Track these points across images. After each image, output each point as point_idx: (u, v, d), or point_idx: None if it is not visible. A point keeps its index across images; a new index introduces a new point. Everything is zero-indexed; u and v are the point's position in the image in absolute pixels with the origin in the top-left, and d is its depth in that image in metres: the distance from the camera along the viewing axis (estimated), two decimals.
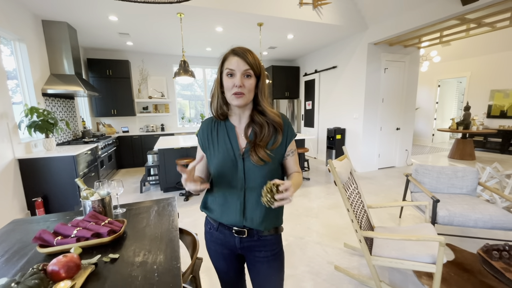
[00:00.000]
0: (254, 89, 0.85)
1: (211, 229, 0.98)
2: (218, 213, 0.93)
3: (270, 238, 0.93)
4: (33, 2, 3.00)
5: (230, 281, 1.05)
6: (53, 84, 3.46)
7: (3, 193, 2.49)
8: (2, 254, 0.96)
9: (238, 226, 0.91)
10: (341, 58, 4.99)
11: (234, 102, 0.83)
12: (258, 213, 0.88)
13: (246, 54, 0.81)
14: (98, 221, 1.08)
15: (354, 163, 4.86)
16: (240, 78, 0.81)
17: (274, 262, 0.95)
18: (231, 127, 0.91)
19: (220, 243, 0.96)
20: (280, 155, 0.91)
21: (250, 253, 0.95)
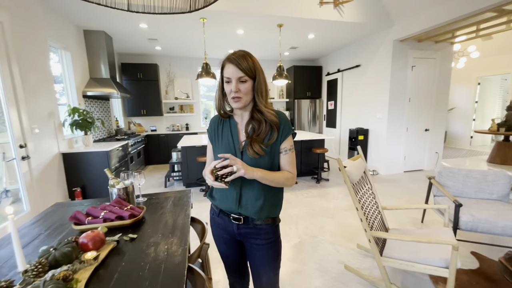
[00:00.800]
0: (251, 91, 0.92)
1: (214, 215, 1.08)
2: (218, 200, 1.03)
3: (265, 227, 0.99)
4: (76, 15, 3.39)
5: (231, 264, 1.13)
6: (92, 87, 3.85)
7: (50, 182, 2.85)
8: (46, 229, 1.15)
9: (234, 213, 0.99)
10: (364, 57, 4.84)
11: (234, 106, 0.94)
12: (253, 202, 0.96)
13: (240, 61, 0.87)
14: (122, 206, 1.23)
15: (377, 165, 4.68)
16: (236, 84, 0.88)
17: (269, 250, 1.02)
18: (234, 123, 1.01)
19: (221, 228, 1.06)
20: (275, 150, 0.96)
21: (247, 240, 1.02)
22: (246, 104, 0.93)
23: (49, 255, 0.80)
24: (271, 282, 1.06)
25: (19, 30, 2.45)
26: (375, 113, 4.66)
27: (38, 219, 1.28)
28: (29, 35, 2.61)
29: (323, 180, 4.18)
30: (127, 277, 0.80)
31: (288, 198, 3.40)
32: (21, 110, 2.43)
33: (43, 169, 2.74)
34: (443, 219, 1.79)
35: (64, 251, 0.82)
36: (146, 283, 0.77)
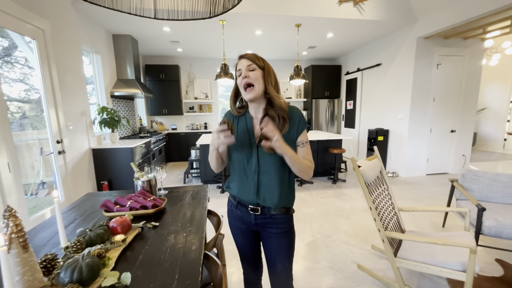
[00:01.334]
0: (262, 80, 0.96)
1: (231, 207, 1.13)
2: (237, 192, 1.08)
3: (280, 216, 1.04)
4: (107, 21, 3.64)
5: (247, 255, 1.18)
6: (119, 88, 4.11)
7: (81, 174, 3.11)
8: (81, 215, 1.29)
9: (253, 204, 1.04)
10: (385, 55, 4.70)
11: (247, 96, 0.98)
12: (270, 193, 1.01)
13: (250, 55, 0.97)
14: (146, 197, 1.34)
15: (397, 167, 4.52)
16: (245, 71, 0.96)
17: (284, 239, 1.06)
18: (250, 118, 1.05)
19: (239, 219, 1.11)
20: (290, 143, 0.97)
21: (263, 229, 1.07)
22: (258, 93, 0.97)
23: (85, 235, 0.91)
24: (285, 270, 1.10)
25: (57, 36, 2.70)
26: (396, 113, 4.51)
27: (73, 206, 1.43)
28: (66, 41, 2.86)
29: (339, 181, 4.13)
30: (150, 259, 0.89)
31: (303, 197, 3.41)
32: (59, 109, 2.67)
33: (76, 163, 2.99)
34: (464, 222, 1.73)
35: (98, 232, 0.93)
36: (167, 264, 0.85)
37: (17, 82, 2.63)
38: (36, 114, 2.72)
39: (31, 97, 2.70)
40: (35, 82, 2.57)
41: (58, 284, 0.71)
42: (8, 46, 2.45)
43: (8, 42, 2.41)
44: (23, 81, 2.68)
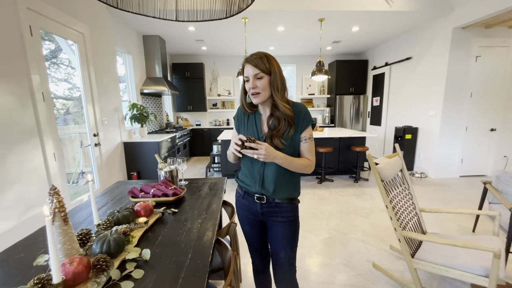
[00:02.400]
0: (269, 86, 1.00)
1: (239, 197, 1.20)
2: (245, 182, 1.15)
3: (285, 205, 1.09)
4: (137, 23, 3.90)
5: (254, 244, 1.24)
6: (148, 85, 4.39)
7: (114, 165, 3.40)
8: (111, 200, 1.45)
9: (258, 194, 1.10)
10: (416, 48, 4.41)
11: (254, 101, 1.04)
12: (273, 184, 1.07)
13: (256, 61, 0.97)
14: (167, 186, 1.46)
15: (426, 167, 4.26)
16: (253, 81, 0.99)
17: (288, 227, 1.11)
18: (258, 114, 1.12)
19: (246, 209, 1.17)
20: (294, 142, 1.05)
21: (269, 218, 1.12)
22: (265, 98, 1.02)
23: (114, 215, 1.04)
24: (288, 257, 1.13)
25: (95, 39, 2.97)
26: (426, 110, 4.23)
27: (105, 192, 1.60)
28: (102, 43, 3.13)
29: (361, 180, 4.01)
30: (168, 239, 0.99)
31: (322, 195, 3.38)
32: (95, 105, 2.95)
33: (110, 154, 3.28)
34: (494, 226, 1.61)
35: (124, 214, 1.05)
36: (182, 245, 0.94)
37: (62, 82, 2.95)
38: (77, 110, 3.02)
39: (73, 95, 3.01)
40: (77, 81, 2.86)
41: (91, 254, 0.83)
42: (55, 49, 2.76)
43: (54, 46, 2.71)
44: (67, 81, 3.00)
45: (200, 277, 0.76)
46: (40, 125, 2.08)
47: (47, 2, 2.21)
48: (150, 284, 0.73)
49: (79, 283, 0.70)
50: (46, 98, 2.17)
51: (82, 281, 0.71)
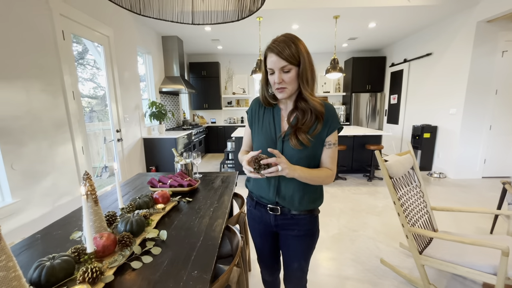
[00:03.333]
0: (297, 79, 0.85)
1: (250, 207, 1.08)
2: (255, 188, 1.01)
3: (303, 217, 0.96)
4: (157, 24, 4.09)
5: (265, 257, 1.14)
6: (166, 84, 4.59)
7: (134, 160, 3.62)
8: (133, 189, 1.58)
9: (272, 203, 0.96)
10: (437, 44, 4.24)
11: (279, 96, 0.89)
12: (291, 193, 0.92)
13: (281, 49, 0.81)
14: (183, 178, 1.57)
15: (445, 167, 4.11)
16: (279, 75, 0.83)
17: (305, 241, 0.99)
18: (277, 109, 0.96)
19: (258, 220, 1.05)
20: (320, 142, 0.90)
21: (283, 231, 1.00)
22: (291, 94, 0.88)
23: (135, 201, 1.16)
24: (301, 268, 1.05)
25: (119, 41, 3.17)
26: (447, 108, 4.07)
27: (127, 182, 1.75)
28: (125, 44, 3.34)
29: (376, 179, 3.95)
30: (182, 224, 1.09)
31: (334, 192, 3.38)
32: (118, 103, 3.16)
33: (131, 149, 3.49)
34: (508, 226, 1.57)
35: (145, 200, 1.17)
36: (195, 229, 1.04)
37: (87, 81, 3.18)
38: (101, 108, 3.25)
39: (97, 93, 3.23)
40: (101, 81, 3.08)
41: (116, 233, 0.95)
42: (82, 51, 2.99)
43: (81, 48, 2.93)
44: (92, 80, 3.23)
45: (210, 255, 0.85)
46: (70, 121, 2.29)
47: (77, 8, 2.41)
48: (166, 260, 0.83)
49: (108, 255, 0.82)
50: (76, 97, 2.38)
51: (110, 253, 0.82)
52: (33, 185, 1.92)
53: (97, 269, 0.69)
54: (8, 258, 0.54)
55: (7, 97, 1.74)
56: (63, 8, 2.20)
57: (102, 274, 0.71)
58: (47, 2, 2.05)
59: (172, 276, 0.75)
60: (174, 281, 0.73)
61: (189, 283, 0.72)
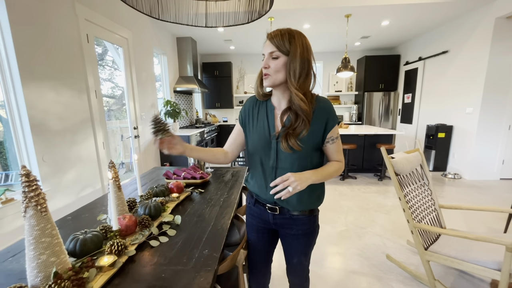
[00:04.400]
0: (284, 69, 0.83)
1: (250, 203, 1.07)
2: (254, 188, 1.01)
3: (302, 217, 0.95)
4: (173, 27, 4.25)
5: (257, 253, 1.11)
6: (180, 84, 4.76)
7: (149, 156, 3.79)
8: (150, 180, 1.71)
9: (270, 203, 0.96)
10: (454, 41, 4.14)
11: (264, 84, 0.88)
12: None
13: (274, 36, 0.82)
14: (196, 171, 1.67)
15: (460, 168, 4.00)
16: (266, 59, 0.84)
17: (305, 239, 0.99)
18: (271, 108, 0.93)
19: (257, 216, 1.04)
20: (314, 143, 0.88)
21: (282, 229, 1.01)
22: (274, 83, 0.86)
23: (153, 190, 1.27)
24: (301, 262, 1.06)
25: (136, 43, 3.34)
26: (463, 107, 3.97)
27: (144, 175, 1.87)
28: (142, 46, 3.51)
29: (386, 178, 3.91)
30: (195, 211, 1.19)
31: (343, 191, 3.40)
32: (136, 101, 3.33)
33: (146, 146, 3.67)
34: None
35: (161, 189, 1.28)
36: (206, 216, 1.13)
37: (106, 81, 3.37)
38: (118, 107, 3.44)
39: (115, 93, 3.42)
40: (119, 81, 3.26)
41: (137, 215, 1.06)
42: (102, 52, 3.18)
43: (101, 49, 3.12)
44: (110, 80, 3.42)
45: (220, 237, 0.94)
46: (93, 118, 2.46)
47: (100, 13, 2.58)
48: (180, 240, 0.93)
49: (130, 234, 0.93)
50: (98, 96, 2.55)
51: (131, 233, 0.93)
52: (60, 176, 2.10)
53: (122, 243, 0.80)
54: (52, 227, 0.65)
55: (40, 96, 1.91)
56: (88, 13, 2.37)
57: (126, 248, 0.82)
58: (74, 9, 2.22)
59: (186, 254, 0.84)
60: (187, 258, 0.82)
61: (200, 260, 0.80)
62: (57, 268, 0.64)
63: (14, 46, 1.71)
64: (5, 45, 1.71)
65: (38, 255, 0.62)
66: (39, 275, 0.62)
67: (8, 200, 1.70)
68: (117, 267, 0.74)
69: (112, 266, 0.73)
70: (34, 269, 0.61)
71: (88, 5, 2.40)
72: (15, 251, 0.88)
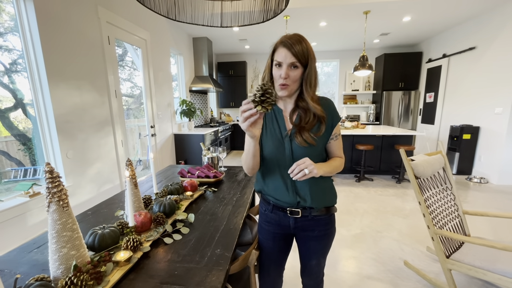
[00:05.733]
0: (300, 80, 0.86)
1: (266, 210, 1.03)
2: (272, 191, 0.98)
3: (323, 218, 0.97)
4: (189, 27, 4.32)
5: (271, 260, 1.09)
6: (196, 83, 4.84)
7: (166, 154, 3.89)
8: (165, 178, 1.75)
9: (292, 206, 0.95)
10: (481, 37, 3.88)
11: (279, 93, 0.88)
12: (310, 191, 0.93)
13: (294, 45, 0.82)
14: (209, 170, 1.69)
15: (487, 172, 3.76)
16: (286, 69, 0.83)
17: (324, 240, 1.01)
18: (278, 110, 0.95)
19: (274, 223, 1.01)
20: (326, 139, 0.93)
21: (302, 232, 1.00)
22: (291, 94, 0.89)
23: (168, 187, 1.30)
24: (319, 264, 1.06)
25: (154, 43, 3.44)
26: (491, 107, 3.72)
27: (160, 172, 1.92)
28: (160, 46, 3.60)
29: (405, 181, 3.76)
30: (208, 210, 1.20)
31: (359, 193, 3.30)
32: (153, 101, 3.42)
33: (163, 144, 3.77)
34: None
35: (175, 187, 1.30)
36: (219, 215, 1.14)
37: (125, 81, 3.49)
38: (136, 106, 3.55)
39: (134, 92, 3.54)
40: (137, 81, 3.36)
41: (152, 213, 1.09)
42: (122, 53, 3.29)
43: (121, 50, 3.23)
44: (129, 80, 3.54)
45: (232, 237, 0.94)
46: (113, 116, 2.56)
47: (120, 15, 2.68)
48: (193, 238, 0.94)
49: (145, 230, 0.95)
50: (118, 95, 2.65)
51: (146, 229, 0.96)
52: (82, 172, 2.21)
53: (137, 240, 0.82)
54: (73, 221, 0.68)
55: (64, 95, 2.02)
56: (109, 16, 2.47)
57: (141, 244, 0.84)
58: (97, 12, 2.32)
59: (199, 252, 0.85)
60: (200, 256, 0.83)
61: (212, 259, 0.81)
62: (77, 261, 0.67)
63: (42, 50, 1.82)
64: (34, 49, 1.82)
65: (60, 248, 0.65)
66: (60, 267, 0.65)
67: (35, 193, 1.81)
68: (133, 262, 0.76)
69: (128, 261, 0.76)
70: (56, 261, 0.65)
71: (109, 8, 2.49)
72: (40, 243, 0.93)
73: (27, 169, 1.99)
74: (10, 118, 1.91)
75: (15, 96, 1.90)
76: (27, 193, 1.78)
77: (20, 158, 1.97)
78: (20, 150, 1.97)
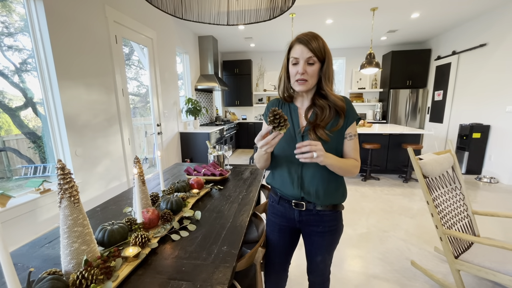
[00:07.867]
0: (318, 74, 0.87)
1: (273, 202, 1.07)
2: (278, 184, 1.01)
3: (328, 214, 0.97)
4: (195, 26, 4.34)
5: (276, 254, 1.11)
6: (201, 82, 4.85)
7: (172, 152, 3.93)
8: (171, 176, 1.76)
9: (297, 199, 0.97)
10: (493, 33, 3.79)
11: (297, 88, 0.90)
12: (315, 187, 0.93)
13: (310, 41, 0.84)
14: (215, 168, 1.70)
15: (498, 172, 3.68)
16: (303, 65, 0.85)
17: (330, 236, 1.00)
18: (294, 108, 0.97)
19: (280, 215, 1.04)
20: (340, 136, 0.92)
21: (307, 227, 1.00)
22: (309, 88, 0.90)
23: (174, 185, 1.31)
24: (324, 260, 1.06)
25: (160, 42, 3.46)
26: (502, 105, 3.63)
27: (166, 170, 1.94)
28: (166, 45, 3.62)
29: (412, 180, 3.71)
30: (214, 207, 1.21)
31: (365, 192, 3.27)
32: (159, 99, 3.45)
33: (168, 142, 3.80)
34: None
35: (182, 185, 1.31)
36: (225, 213, 1.15)
37: (132, 80, 3.53)
38: (143, 105, 3.58)
39: (140, 91, 3.57)
40: (144, 80, 3.39)
41: (159, 210, 1.10)
42: (129, 52, 3.32)
43: (128, 49, 3.26)
44: (135, 79, 3.57)
45: (238, 234, 0.95)
46: (120, 115, 2.59)
47: (127, 14, 2.70)
48: (200, 235, 0.95)
49: (152, 227, 0.96)
50: (125, 94, 2.68)
51: (154, 226, 0.97)
52: (91, 169, 2.24)
53: (145, 236, 0.83)
54: (84, 217, 0.69)
55: (73, 94, 2.05)
56: (116, 16, 2.49)
57: (149, 240, 0.85)
58: (104, 11, 2.34)
59: (205, 249, 0.86)
60: (206, 253, 0.83)
61: (219, 256, 0.82)
62: (88, 256, 0.68)
63: (52, 49, 1.85)
64: (44, 48, 1.85)
65: (71, 243, 0.66)
66: (71, 262, 0.66)
67: (46, 190, 1.85)
68: (141, 258, 0.77)
69: (136, 257, 0.77)
70: (67, 256, 0.66)
71: (116, 7, 2.52)
72: (51, 238, 0.95)
73: (37, 167, 2.04)
74: (20, 117, 1.95)
75: (25, 95, 1.94)
76: (38, 189, 1.82)
77: (30, 155, 2.01)
78: (30, 148, 2.02)
